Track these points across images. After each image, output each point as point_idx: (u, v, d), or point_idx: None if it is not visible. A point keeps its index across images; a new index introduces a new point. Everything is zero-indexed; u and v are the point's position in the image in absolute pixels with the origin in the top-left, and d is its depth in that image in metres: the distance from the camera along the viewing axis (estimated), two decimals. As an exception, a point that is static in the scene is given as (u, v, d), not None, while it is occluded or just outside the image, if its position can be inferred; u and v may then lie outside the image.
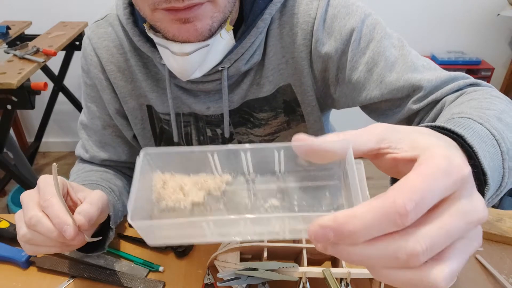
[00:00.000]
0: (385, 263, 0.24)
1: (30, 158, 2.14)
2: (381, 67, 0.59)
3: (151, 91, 0.68)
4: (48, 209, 0.47)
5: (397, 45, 0.61)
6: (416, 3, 2.12)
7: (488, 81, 2.25)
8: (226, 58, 0.59)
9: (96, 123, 0.74)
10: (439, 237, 0.23)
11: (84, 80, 0.72)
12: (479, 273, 0.64)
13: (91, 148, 0.76)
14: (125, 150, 0.78)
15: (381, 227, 0.23)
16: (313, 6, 0.60)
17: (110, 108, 0.72)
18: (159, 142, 0.75)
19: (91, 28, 0.69)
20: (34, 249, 0.49)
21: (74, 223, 0.46)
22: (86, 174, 0.73)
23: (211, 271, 0.63)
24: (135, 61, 0.67)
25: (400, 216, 0.22)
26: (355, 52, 0.60)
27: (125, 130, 0.75)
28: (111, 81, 0.69)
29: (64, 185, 0.52)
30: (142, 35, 0.61)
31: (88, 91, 0.72)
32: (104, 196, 0.54)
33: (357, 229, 0.23)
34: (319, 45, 0.61)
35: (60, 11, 2.04)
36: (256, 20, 0.58)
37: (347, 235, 0.23)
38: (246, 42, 0.58)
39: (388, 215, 0.22)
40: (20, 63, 1.51)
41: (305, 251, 0.55)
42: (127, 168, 0.83)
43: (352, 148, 0.29)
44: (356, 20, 0.59)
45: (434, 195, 0.23)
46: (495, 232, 0.69)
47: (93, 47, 0.68)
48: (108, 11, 0.68)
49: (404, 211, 0.22)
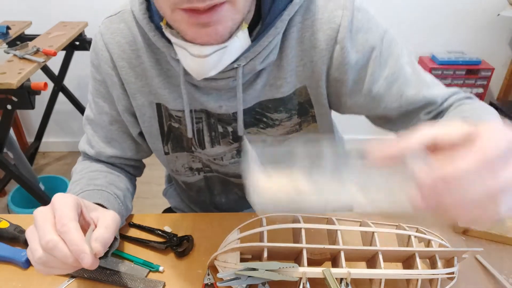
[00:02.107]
0: (479, 200, 0.33)
1: (30, 158, 2.14)
2: (400, 82, 0.65)
3: (163, 88, 0.68)
4: (65, 234, 0.47)
5: (409, 62, 0.67)
6: (416, 3, 2.12)
7: (488, 81, 2.25)
8: (243, 56, 0.59)
9: (103, 118, 0.74)
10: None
11: (94, 75, 0.72)
12: (479, 273, 0.64)
13: (97, 143, 0.76)
14: (130, 146, 0.78)
15: (478, 173, 0.32)
16: (337, 14, 0.62)
17: (118, 105, 0.72)
18: (166, 140, 0.75)
19: (104, 23, 0.69)
20: (48, 271, 0.49)
21: (91, 251, 0.47)
22: (91, 175, 0.72)
23: (211, 271, 0.63)
24: (148, 57, 0.67)
25: (491, 164, 0.33)
26: (375, 68, 0.64)
27: (131, 127, 0.75)
28: (122, 77, 0.69)
29: (79, 205, 0.52)
30: (158, 30, 0.61)
31: (96, 86, 0.72)
32: (117, 217, 0.55)
33: (462, 175, 0.33)
34: (344, 52, 0.62)
35: (60, 11, 2.04)
36: (275, 21, 0.58)
37: (454, 181, 0.33)
38: (264, 41, 0.59)
39: (483, 162, 0.32)
40: (20, 63, 1.51)
41: (305, 251, 0.55)
42: (131, 166, 0.83)
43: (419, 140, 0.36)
44: (377, 36, 0.64)
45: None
46: (495, 232, 0.69)
47: (105, 43, 0.68)
48: (121, 8, 0.68)
49: (493, 159, 0.33)
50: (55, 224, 0.48)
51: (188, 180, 0.83)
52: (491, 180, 0.32)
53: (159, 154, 0.79)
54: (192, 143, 0.74)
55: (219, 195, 0.86)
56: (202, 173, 0.81)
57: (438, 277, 0.57)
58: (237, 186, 0.82)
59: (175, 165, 0.80)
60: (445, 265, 0.61)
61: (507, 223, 0.70)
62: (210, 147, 0.73)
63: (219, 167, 0.78)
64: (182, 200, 0.95)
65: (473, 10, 2.15)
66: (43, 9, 2.04)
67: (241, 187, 0.83)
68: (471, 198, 0.33)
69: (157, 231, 0.71)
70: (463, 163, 0.32)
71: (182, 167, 0.80)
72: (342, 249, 0.56)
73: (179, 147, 0.76)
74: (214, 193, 0.85)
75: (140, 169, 0.87)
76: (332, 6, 0.62)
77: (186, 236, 0.69)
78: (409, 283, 0.57)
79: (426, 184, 0.34)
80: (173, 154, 0.77)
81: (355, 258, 0.61)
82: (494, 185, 0.32)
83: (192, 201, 0.93)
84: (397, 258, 0.61)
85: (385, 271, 0.55)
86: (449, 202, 0.33)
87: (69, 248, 0.46)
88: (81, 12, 2.01)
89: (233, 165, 0.76)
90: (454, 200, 0.33)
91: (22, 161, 1.82)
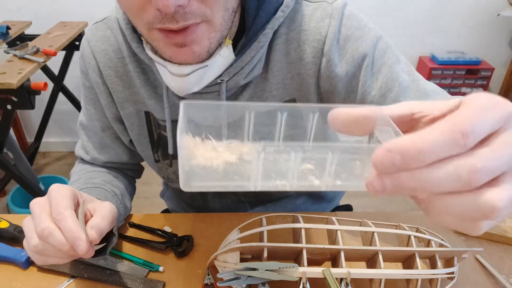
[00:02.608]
0: (446, 184, 0.25)
1: (30, 158, 2.14)
2: (395, 92, 0.60)
3: (150, 98, 0.67)
4: (61, 222, 0.47)
5: (406, 70, 0.62)
6: (416, 3, 2.12)
7: (488, 81, 2.25)
8: (226, 72, 0.58)
9: (95, 125, 0.74)
10: (494, 160, 0.24)
11: (83, 81, 0.71)
12: (479, 273, 0.64)
13: (91, 150, 0.76)
14: (125, 151, 0.77)
15: (445, 147, 0.24)
16: (324, 24, 0.59)
17: (107, 113, 0.71)
18: (156, 148, 0.74)
19: (90, 30, 0.68)
20: (43, 260, 0.49)
21: (87, 238, 0.47)
22: (89, 175, 0.72)
23: (211, 271, 0.63)
24: (134, 67, 0.65)
25: (462, 136, 0.24)
26: (367, 77, 0.60)
27: (122, 135, 0.74)
28: (109, 86, 0.68)
29: (75, 195, 0.52)
30: (141, 41, 0.59)
31: (86, 93, 0.72)
32: (114, 209, 0.55)
33: (425, 148, 0.24)
34: (331, 65, 0.60)
35: (60, 11, 2.04)
36: (258, 34, 0.56)
37: (414, 156, 0.24)
38: (246, 56, 0.57)
39: (452, 134, 0.24)
40: (20, 63, 1.51)
41: (305, 251, 0.55)
42: (129, 169, 0.82)
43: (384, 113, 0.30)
44: (369, 44, 0.59)
45: (486, 125, 0.25)
46: (495, 232, 0.69)
47: (92, 50, 0.67)
48: (108, 13, 0.67)
49: (466, 131, 0.24)
50: (51, 213, 0.48)
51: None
52: (465, 158, 0.24)
53: (150, 161, 0.77)
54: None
55: (213, 200, 0.85)
56: None
57: (438, 277, 0.57)
58: (231, 191, 0.82)
59: (166, 173, 0.79)
60: (445, 265, 0.61)
61: (507, 223, 0.70)
62: None
63: None
64: (178, 203, 0.95)
65: (473, 10, 2.15)
66: (43, 9, 2.04)
67: (235, 192, 0.82)
68: (438, 182, 0.24)
69: (157, 231, 0.71)
70: (426, 132, 0.24)
71: (173, 174, 0.79)
72: (342, 249, 0.56)
73: (169, 155, 0.75)
74: (207, 198, 0.85)
75: (138, 171, 0.86)
76: (319, 15, 0.59)
77: (186, 236, 0.69)
78: (409, 283, 0.57)
79: (379, 157, 0.25)
80: (163, 161, 0.76)
81: (355, 258, 0.61)
82: (469, 165, 0.24)
83: (188, 205, 0.93)
84: (397, 258, 0.61)
85: (385, 271, 0.55)
86: (410, 186, 0.25)
87: (65, 236, 0.46)
88: (81, 12, 2.01)
89: None
90: (416, 183, 0.25)
91: (22, 161, 1.82)
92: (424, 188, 0.25)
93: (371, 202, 2.08)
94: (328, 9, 0.59)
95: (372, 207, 2.06)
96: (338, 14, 0.59)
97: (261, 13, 0.55)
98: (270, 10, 0.56)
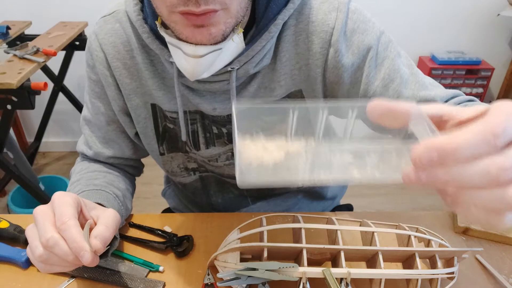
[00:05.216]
0: (477, 180, 0.27)
1: (30, 158, 2.14)
2: (397, 83, 0.63)
3: (158, 89, 0.68)
4: (65, 232, 0.47)
5: (406, 64, 0.66)
6: (416, 3, 2.12)
7: (488, 81, 2.25)
8: (236, 60, 0.59)
9: (100, 118, 0.74)
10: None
11: (89, 75, 0.72)
12: (479, 273, 0.64)
13: (94, 144, 0.76)
14: (129, 146, 0.78)
15: (477, 146, 0.27)
16: (331, 16, 0.61)
17: (114, 105, 0.72)
18: (162, 141, 0.75)
19: (98, 23, 0.69)
20: (48, 268, 0.50)
21: (91, 248, 0.47)
22: (90, 175, 0.72)
23: (211, 271, 0.63)
24: (142, 58, 0.67)
25: (493, 137, 0.26)
26: (371, 68, 0.63)
27: (127, 127, 0.75)
28: (116, 77, 0.69)
29: (78, 203, 0.52)
30: (152, 32, 0.61)
31: (92, 86, 0.72)
32: (118, 216, 0.55)
33: (460, 147, 0.27)
34: (338, 55, 0.62)
35: (60, 11, 2.04)
36: (269, 25, 0.58)
37: (450, 154, 0.27)
38: (257, 45, 0.59)
39: (484, 135, 0.26)
40: (20, 63, 1.51)
41: (305, 251, 0.55)
42: (131, 166, 0.83)
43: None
44: (373, 37, 0.63)
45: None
46: (495, 232, 0.69)
47: (99, 43, 0.68)
48: (115, 7, 0.68)
49: (497, 133, 0.26)
50: (55, 222, 0.48)
51: (184, 180, 0.83)
52: (495, 157, 0.26)
53: (155, 154, 0.79)
54: (187, 144, 0.74)
55: (215, 195, 0.86)
56: (197, 173, 0.81)
57: (438, 277, 0.57)
58: (233, 185, 0.82)
59: (170, 166, 0.80)
60: (445, 265, 0.61)
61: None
62: (205, 148, 0.73)
63: (214, 168, 0.78)
64: (180, 201, 0.96)
65: (473, 10, 2.15)
66: (43, 9, 2.04)
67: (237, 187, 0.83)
68: (469, 177, 0.27)
69: (157, 231, 0.71)
70: (461, 133, 0.27)
71: (177, 167, 0.80)
72: (342, 249, 0.56)
73: (174, 147, 0.76)
74: (210, 193, 0.85)
75: (139, 169, 0.87)
76: (326, 8, 0.62)
77: (186, 236, 0.69)
78: (409, 283, 0.57)
79: (418, 154, 0.28)
80: (168, 154, 0.77)
81: (355, 258, 0.61)
82: (498, 163, 0.26)
83: (190, 202, 0.93)
84: (397, 258, 0.61)
85: (385, 271, 0.55)
86: (444, 180, 0.28)
87: (69, 246, 0.47)
88: (81, 12, 2.01)
89: (227, 167, 0.76)
90: (450, 178, 0.28)
91: (22, 161, 1.82)
92: (456, 182, 0.28)
93: (371, 202, 2.08)
94: (334, 3, 0.62)
95: (372, 207, 2.06)
96: (344, 8, 0.62)
97: (272, 4, 0.58)
98: (281, 2, 0.59)
